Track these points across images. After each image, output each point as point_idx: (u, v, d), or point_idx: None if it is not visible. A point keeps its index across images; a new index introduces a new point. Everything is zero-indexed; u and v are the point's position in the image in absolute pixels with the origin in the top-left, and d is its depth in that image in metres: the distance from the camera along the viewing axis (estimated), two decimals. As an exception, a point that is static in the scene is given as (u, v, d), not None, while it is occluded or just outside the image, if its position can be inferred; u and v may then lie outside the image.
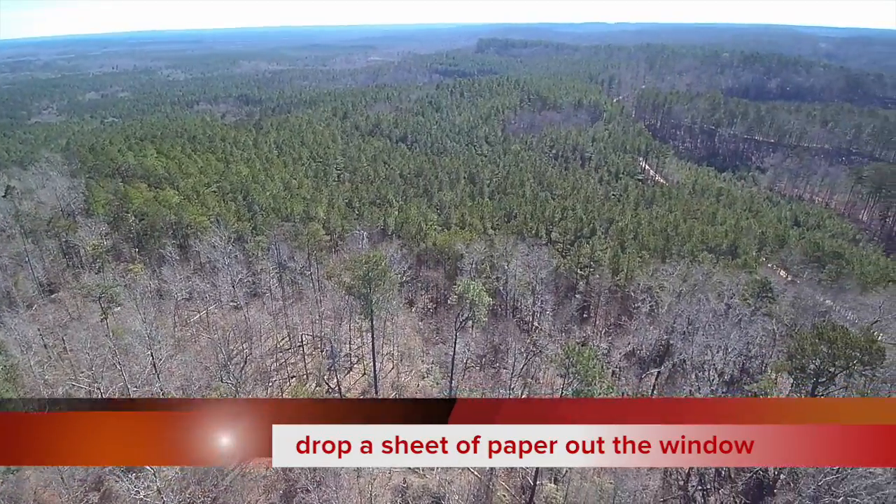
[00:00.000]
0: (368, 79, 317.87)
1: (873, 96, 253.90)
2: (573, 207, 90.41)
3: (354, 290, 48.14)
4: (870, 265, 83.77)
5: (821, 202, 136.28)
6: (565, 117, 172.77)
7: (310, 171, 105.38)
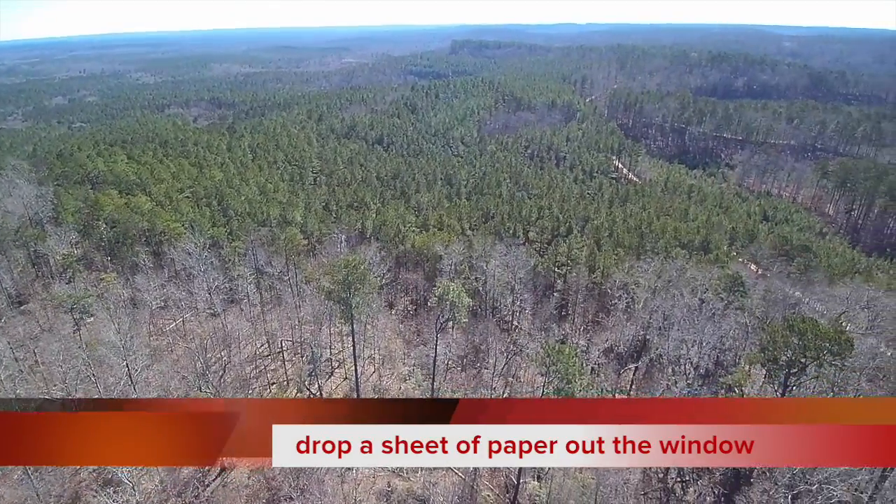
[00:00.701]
0: (343, 81, 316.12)
1: (836, 93, 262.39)
2: (549, 207, 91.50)
3: (334, 295, 47.93)
4: (836, 258, 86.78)
5: (788, 197, 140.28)
6: (540, 117, 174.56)
7: (285, 174, 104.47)
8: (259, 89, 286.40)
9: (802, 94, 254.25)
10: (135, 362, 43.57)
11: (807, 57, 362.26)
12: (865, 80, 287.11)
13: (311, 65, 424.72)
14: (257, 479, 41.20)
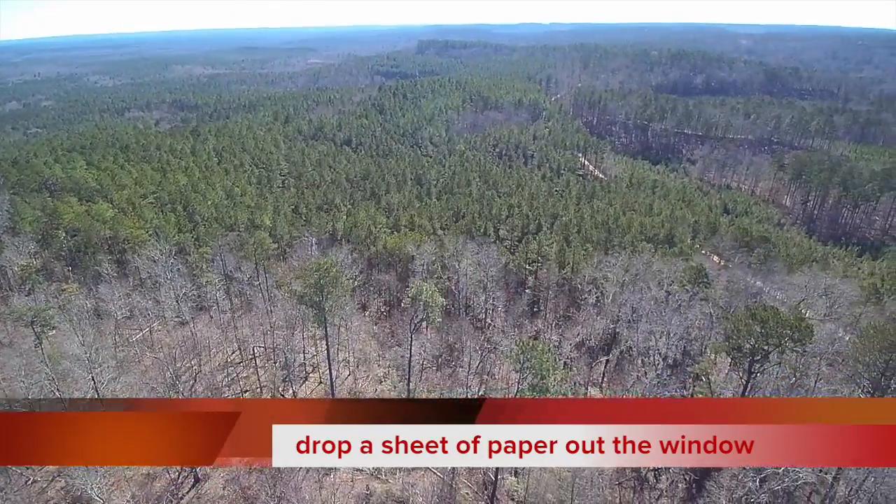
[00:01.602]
0: (309, 81, 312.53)
1: (791, 88, 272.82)
2: (519, 205, 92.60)
3: (306, 299, 47.61)
4: (794, 247, 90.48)
5: (747, 190, 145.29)
6: (507, 116, 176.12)
7: (253, 177, 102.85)
8: (223, 91, 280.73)
9: (758, 90, 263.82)
10: (101, 375, 42.36)
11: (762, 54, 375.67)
12: (818, 75, 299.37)
13: (276, 66, 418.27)
14: (233, 490, 40.59)
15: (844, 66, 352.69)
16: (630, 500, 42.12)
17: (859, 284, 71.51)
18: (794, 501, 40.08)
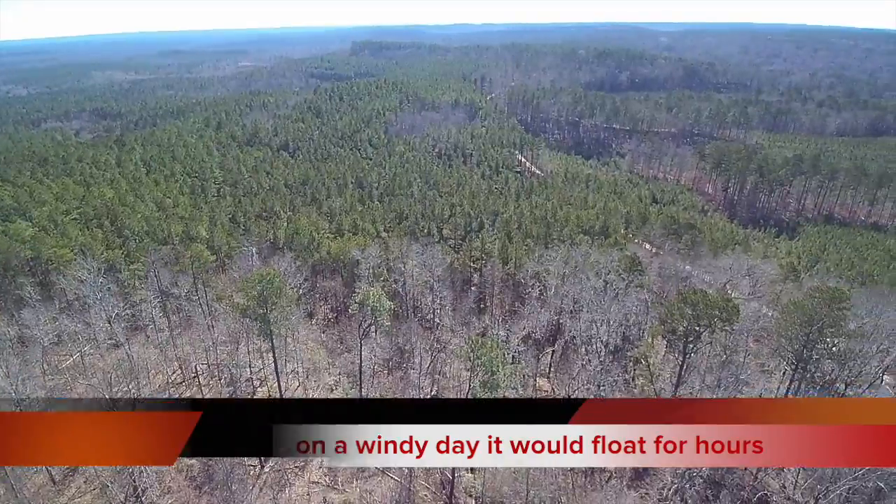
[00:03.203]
0: (241, 85, 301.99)
1: (708, 82, 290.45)
2: (461, 203, 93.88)
3: (250, 312, 46.49)
4: (718, 232, 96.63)
5: (673, 180, 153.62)
6: (444, 116, 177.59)
7: (185, 187, 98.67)
8: (148, 97, 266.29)
9: (679, 85, 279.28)
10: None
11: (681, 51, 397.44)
12: (732, 69, 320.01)
13: (205, 69, 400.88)
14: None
15: (755, 60, 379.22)
16: (582, 483, 43.80)
17: (778, 263, 77.57)
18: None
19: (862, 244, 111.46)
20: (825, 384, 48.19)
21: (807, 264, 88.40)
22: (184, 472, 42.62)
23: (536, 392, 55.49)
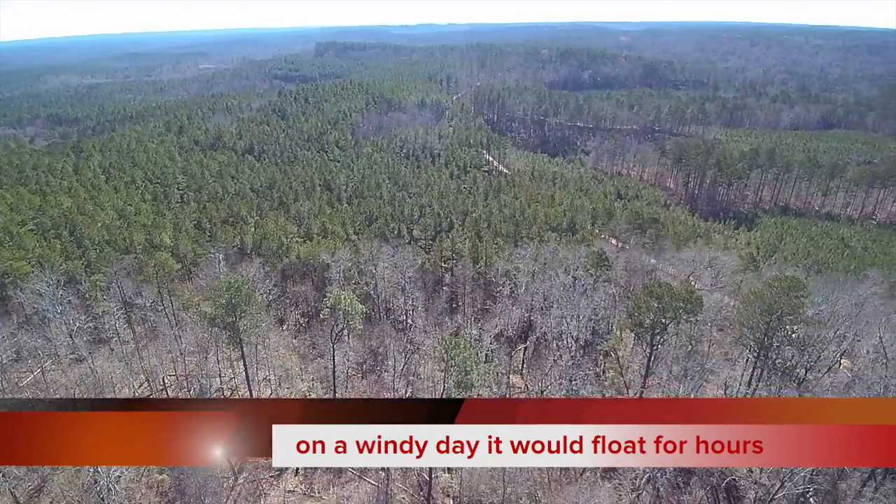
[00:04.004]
0: (202, 88, 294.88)
1: (667, 80, 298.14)
2: (430, 204, 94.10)
3: (218, 320, 45.71)
4: (680, 225, 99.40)
5: (636, 175, 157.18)
6: (411, 117, 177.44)
7: (147, 194, 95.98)
8: (105, 102, 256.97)
9: (639, 83, 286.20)
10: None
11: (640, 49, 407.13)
12: (689, 67, 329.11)
13: (165, 72, 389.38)
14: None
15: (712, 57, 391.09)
16: (557, 477, 44.53)
17: (738, 254, 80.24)
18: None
19: (816, 233, 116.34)
20: (786, 370, 50.25)
21: (765, 254, 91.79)
22: (154, 487, 41.68)
23: (509, 390, 56.14)
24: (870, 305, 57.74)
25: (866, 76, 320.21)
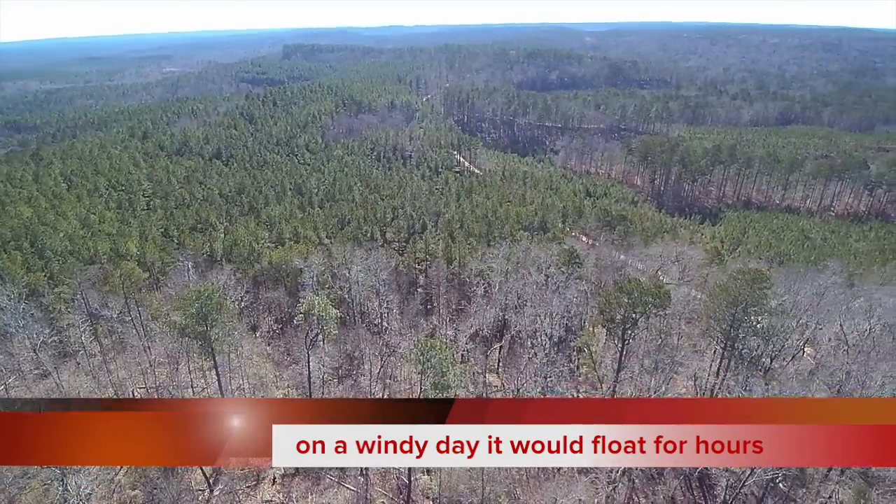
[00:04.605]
0: (167, 92, 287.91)
1: (632, 80, 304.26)
2: (402, 206, 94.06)
3: (189, 330, 44.85)
4: (648, 221, 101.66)
5: (604, 174, 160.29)
6: (381, 119, 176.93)
7: (111, 202, 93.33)
8: (66, 107, 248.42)
9: (605, 83, 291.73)
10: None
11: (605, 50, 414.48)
12: (653, 66, 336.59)
13: (127, 76, 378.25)
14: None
15: (674, 57, 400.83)
16: (535, 474, 45.11)
17: (704, 249, 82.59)
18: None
19: (778, 226, 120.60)
20: (752, 360, 51.99)
21: (729, 248, 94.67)
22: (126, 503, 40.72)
23: (486, 389, 56.64)
24: (830, 295, 60.15)
25: (822, 73, 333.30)
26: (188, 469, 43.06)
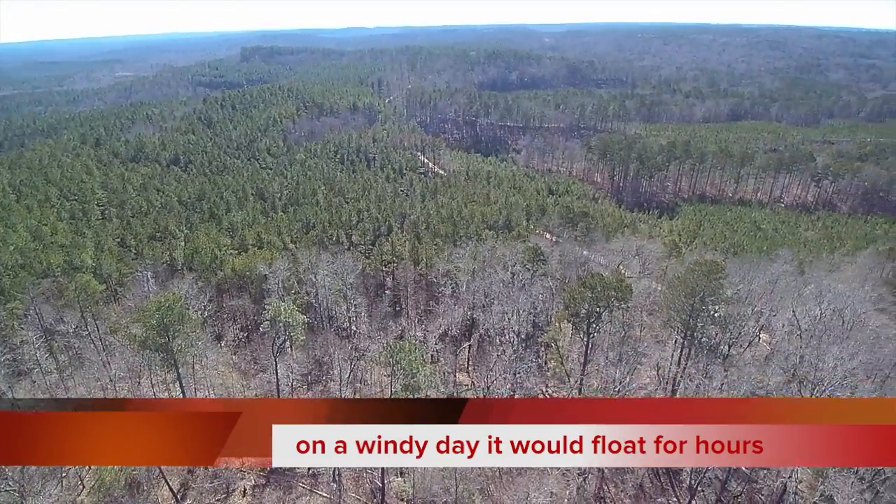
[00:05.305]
0: (120, 97, 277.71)
1: (589, 79, 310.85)
2: (368, 208, 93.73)
3: (150, 342, 43.68)
4: (608, 217, 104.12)
5: (565, 172, 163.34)
6: (344, 121, 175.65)
7: (64, 212, 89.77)
8: (13, 115, 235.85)
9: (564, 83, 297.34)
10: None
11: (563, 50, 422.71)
12: (609, 66, 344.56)
13: (78, 81, 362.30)
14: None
15: (629, 56, 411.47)
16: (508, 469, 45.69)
17: (662, 242, 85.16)
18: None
19: (731, 218, 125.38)
20: (711, 348, 54.00)
21: (686, 240, 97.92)
22: (90, 521, 39.45)
23: (456, 388, 57.09)
24: (782, 282, 63.01)
25: (769, 70, 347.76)
26: (154, 485, 42.05)
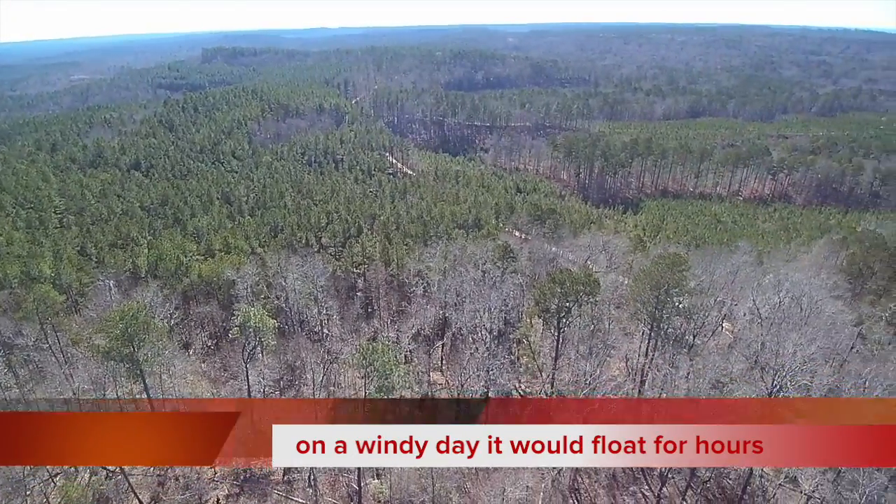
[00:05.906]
0: (76, 101, 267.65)
1: (553, 79, 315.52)
2: (337, 210, 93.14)
3: (114, 353, 42.44)
4: (575, 214, 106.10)
5: (532, 170, 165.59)
6: (310, 123, 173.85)
7: (19, 221, 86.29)
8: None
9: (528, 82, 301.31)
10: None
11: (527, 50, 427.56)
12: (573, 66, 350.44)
13: (31, 85, 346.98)
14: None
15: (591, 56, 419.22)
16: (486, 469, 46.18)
17: (627, 237, 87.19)
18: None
19: (693, 212, 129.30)
20: (677, 338, 55.65)
21: (650, 235, 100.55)
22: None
23: (431, 387, 57.33)
24: (742, 273, 65.25)
25: (725, 68, 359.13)
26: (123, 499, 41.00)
